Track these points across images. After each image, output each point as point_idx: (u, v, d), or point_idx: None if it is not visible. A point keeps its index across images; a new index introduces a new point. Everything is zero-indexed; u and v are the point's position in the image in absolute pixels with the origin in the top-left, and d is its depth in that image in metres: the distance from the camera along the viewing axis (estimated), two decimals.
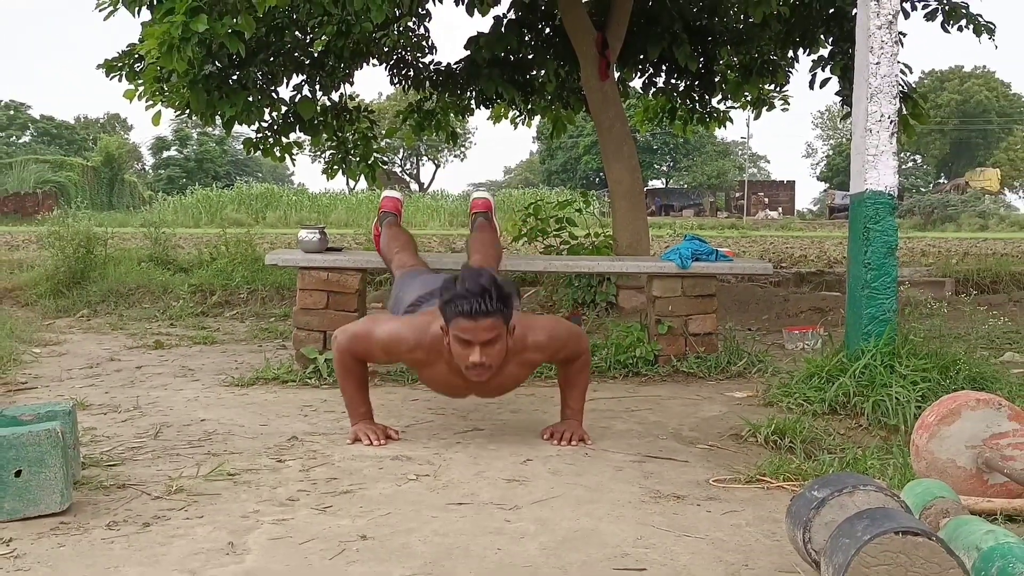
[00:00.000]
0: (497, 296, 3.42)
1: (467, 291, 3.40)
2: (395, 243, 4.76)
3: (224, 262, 9.68)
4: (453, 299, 3.43)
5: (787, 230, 38.20)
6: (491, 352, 3.47)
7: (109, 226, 12.36)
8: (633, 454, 3.73)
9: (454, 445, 3.83)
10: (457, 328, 3.44)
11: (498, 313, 3.43)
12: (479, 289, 3.40)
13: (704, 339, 5.63)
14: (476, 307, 3.38)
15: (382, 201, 5.16)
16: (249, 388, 5.05)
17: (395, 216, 5.06)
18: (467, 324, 3.41)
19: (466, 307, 3.39)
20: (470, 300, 3.39)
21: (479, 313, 3.39)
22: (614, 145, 8.76)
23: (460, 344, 3.46)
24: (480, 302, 3.39)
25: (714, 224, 42.07)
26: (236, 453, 3.64)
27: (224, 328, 7.55)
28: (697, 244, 5.70)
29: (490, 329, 3.43)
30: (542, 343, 3.70)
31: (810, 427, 3.96)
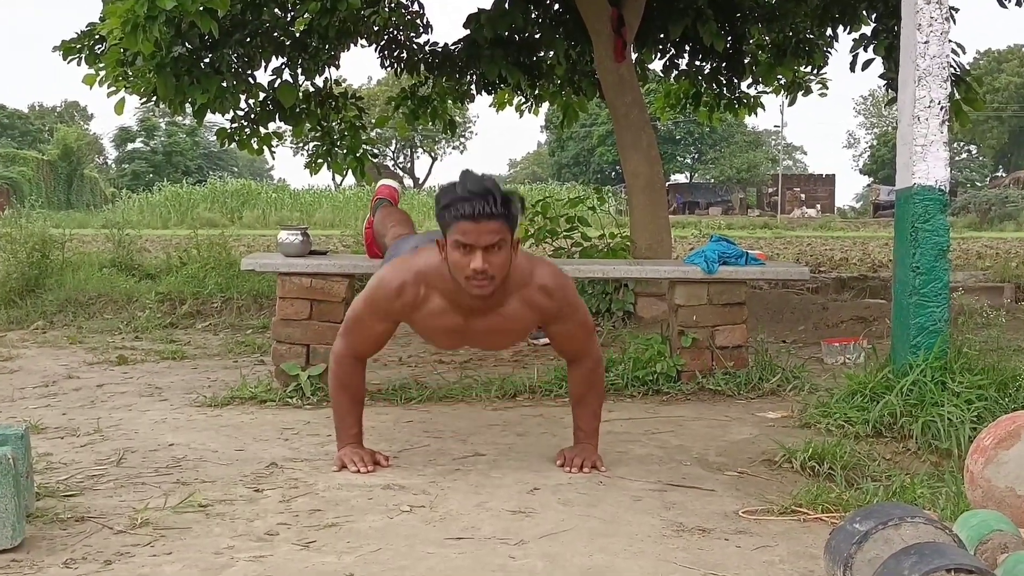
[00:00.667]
0: (501, 198, 3.46)
1: (468, 192, 3.44)
2: (391, 219, 4.87)
3: (195, 267, 9.69)
4: (453, 202, 3.46)
5: (826, 230, 38.20)
6: (494, 259, 3.49)
7: (67, 227, 12.38)
8: (653, 482, 3.73)
9: (452, 472, 3.83)
10: (458, 232, 3.46)
11: (502, 216, 3.46)
12: (482, 189, 3.44)
13: (733, 352, 5.63)
14: (479, 208, 3.42)
15: (378, 188, 5.26)
16: (223, 409, 5.05)
17: (391, 203, 5.14)
18: (468, 226, 3.44)
19: (467, 208, 3.42)
20: (471, 200, 3.42)
21: (482, 214, 3.42)
22: (631, 135, 8.76)
23: (460, 251, 3.49)
24: (483, 202, 3.42)
25: (744, 223, 42.08)
26: (208, 482, 3.64)
27: (195, 341, 7.55)
28: (725, 246, 5.70)
29: (493, 232, 3.46)
30: (548, 286, 3.72)
31: (852, 451, 3.95)
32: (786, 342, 7.48)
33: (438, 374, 5.99)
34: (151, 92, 8.53)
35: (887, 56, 9.22)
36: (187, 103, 8.71)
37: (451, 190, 3.50)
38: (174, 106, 8.76)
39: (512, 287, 3.66)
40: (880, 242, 23.92)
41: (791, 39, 10.46)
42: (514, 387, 5.43)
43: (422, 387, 5.46)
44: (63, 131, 52.92)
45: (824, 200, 61.17)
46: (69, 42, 8.54)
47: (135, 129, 63.74)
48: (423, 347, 7.19)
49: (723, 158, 64.40)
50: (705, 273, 5.54)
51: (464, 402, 5.26)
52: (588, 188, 29.52)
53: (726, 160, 63.91)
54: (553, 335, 3.91)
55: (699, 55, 10.64)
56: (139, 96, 8.70)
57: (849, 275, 12.10)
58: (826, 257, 17.36)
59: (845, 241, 25.94)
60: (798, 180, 65.51)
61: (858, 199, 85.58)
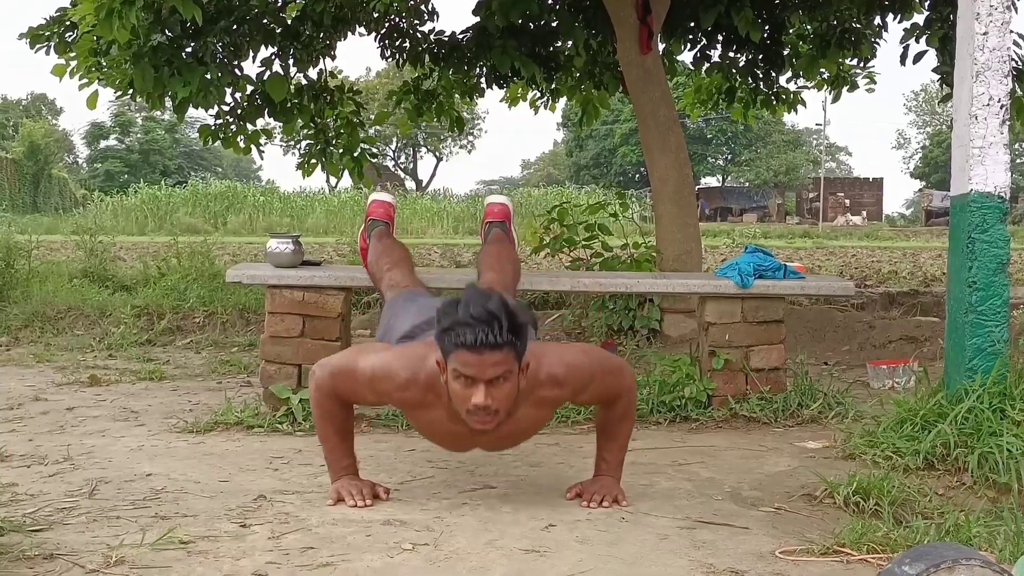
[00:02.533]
0: (508, 324, 3.37)
1: (471, 317, 3.35)
2: (386, 258, 4.77)
3: (175, 278, 9.72)
4: (453, 326, 3.39)
5: (873, 239, 38.13)
6: (498, 393, 3.43)
7: (33, 233, 12.45)
8: (681, 519, 3.73)
9: (459, 507, 3.83)
10: (457, 362, 3.40)
11: (508, 346, 3.39)
12: (485, 315, 3.35)
13: (769, 375, 5.63)
14: (481, 337, 3.34)
15: (369, 206, 5.17)
16: (206, 435, 5.06)
17: (386, 225, 5.07)
18: (470, 358, 3.37)
19: (469, 337, 3.35)
20: (474, 328, 3.34)
21: (485, 345, 3.34)
22: (658, 134, 8.77)
23: (460, 382, 3.43)
24: (486, 331, 3.34)
25: (782, 232, 42.03)
26: (190, 516, 3.65)
27: (175, 360, 7.58)
28: (761, 257, 5.70)
29: (498, 365, 3.38)
30: (558, 376, 3.67)
31: (900, 485, 3.94)
32: (828, 364, 7.46)
33: None
34: (127, 84, 8.55)
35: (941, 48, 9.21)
36: (167, 97, 8.74)
37: (452, 311, 3.43)
38: (152, 100, 8.78)
39: (520, 396, 3.59)
40: (933, 253, 23.87)
41: (835, 28, 10.45)
42: None
43: None
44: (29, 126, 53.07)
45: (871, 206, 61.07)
46: (37, 29, 8.58)
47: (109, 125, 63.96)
48: None
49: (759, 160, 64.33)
50: (739, 288, 5.55)
51: None
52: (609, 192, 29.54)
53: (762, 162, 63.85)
54: (583, 403, 3.93)
55: (733, 46, 10.63)
56: (114, 89, 8.72)
57: (898, 290, 12.08)
58: (873, 270, 17.32)
59: (894, 252, 25.87)
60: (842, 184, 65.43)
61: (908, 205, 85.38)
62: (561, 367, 3.69)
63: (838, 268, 18.16)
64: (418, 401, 3.66)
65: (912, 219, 67.88)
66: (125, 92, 8.78)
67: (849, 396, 5.81)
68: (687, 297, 7.53)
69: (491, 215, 5.07)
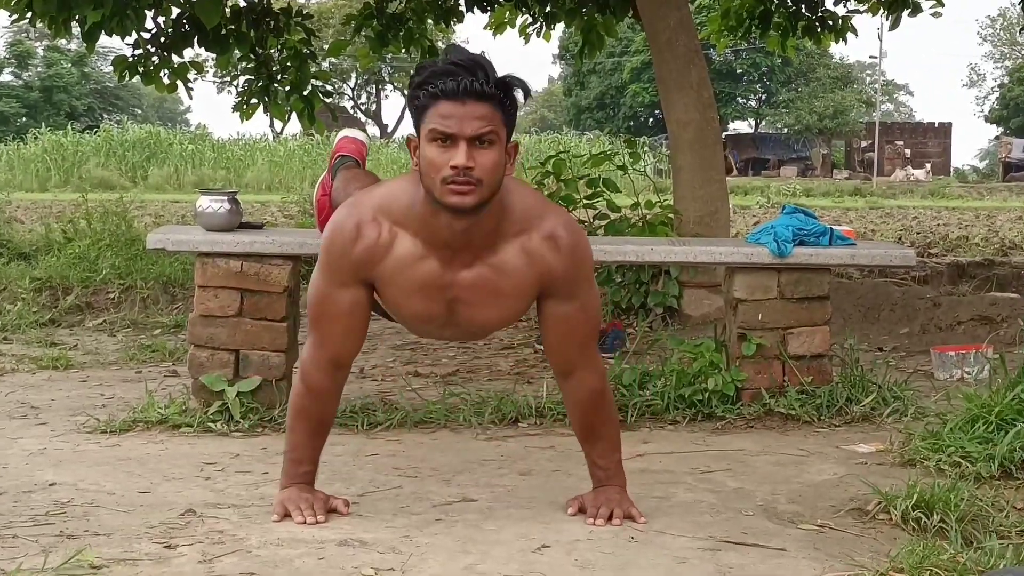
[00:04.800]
0: (496, 74, 3.43)
1: (452, 64, 3.40)
2: (356, 182, 4.76)
3: (85, 245, 9.68)
4: (431, 76, 3.42)
5: (939, 198, 38.12)
6: (481, 158, 3.43)
7: None
8: (703, 538, 3.73)
9: (432, 523, 3.83)
10: (435, 118, 3.41)
11: (495, 99, 3.43)
12: (469, 62, 3.41)
13: (812, 364, 5.64)
14: (465, 83, 3.37)
15: (339, 142, 5.20)
16: (122, 436, 5.04)
17: (357, 164, 5.10)
18: (450, 108, 3.39)
19: (450, 83, 3.38)
20: (456, 74, 3.38)
21: (469, 92, 3.38)
22: (676, 69, 8.76)
23: (437, 144, 3.43)
24: (471, 78, 3.38)
25: (828, 188, 42.02)
26: (103, 535, 3.64)
27: (85, 345, 7.57)
28: (802, 219, 5.70)
29: (482, 119, 3.40)
30: (559, 236, 3.66)
31: (971, 498, 3.94)
32: (884, 350, 7.48)
33: (413, 390, 5.98)
34: (25, 7, 8.52)
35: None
36: (73, 21, 8.70)
37: (430, 63, 3.47)
38: (56, 26, 8.75)
39: (510, 227, 3.62)
40: (1012, 215, 23.94)
41: None
42: (515, 409, 5.44)
43: (391, 408, 5.46)
44: None
45: (937, 158, 61.15)
46: None
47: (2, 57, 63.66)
48: (391, 354, 7.20)
49: (800, 100, 64.18)
50: (775, 256, 5.54)
51: (448, 428, 5.27)
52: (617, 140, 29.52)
53: (804, 103, 63.71)
54: (547, 318, 3.80)
55: None
56: (8, 11, 8.68)
57: (970, 259, 12.09)
58: (939, 235, 17.35)
59: (964, 213, 25.91)
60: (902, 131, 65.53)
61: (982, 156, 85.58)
62: (567, 234, 3.70)
63: (896, 233, 18.19)
64: (376, 243, 3.64)
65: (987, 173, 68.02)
66: (23, 16, 8.74)
67: (909, 389, 5.81)
68: (711, 268, 7.53)
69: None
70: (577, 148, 32.74)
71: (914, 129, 66.73)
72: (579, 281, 3.76)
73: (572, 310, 3.79)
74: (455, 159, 3.39)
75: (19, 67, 63.83)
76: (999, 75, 77.36)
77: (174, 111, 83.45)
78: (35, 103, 61.52)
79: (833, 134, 63.76)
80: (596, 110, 65.30)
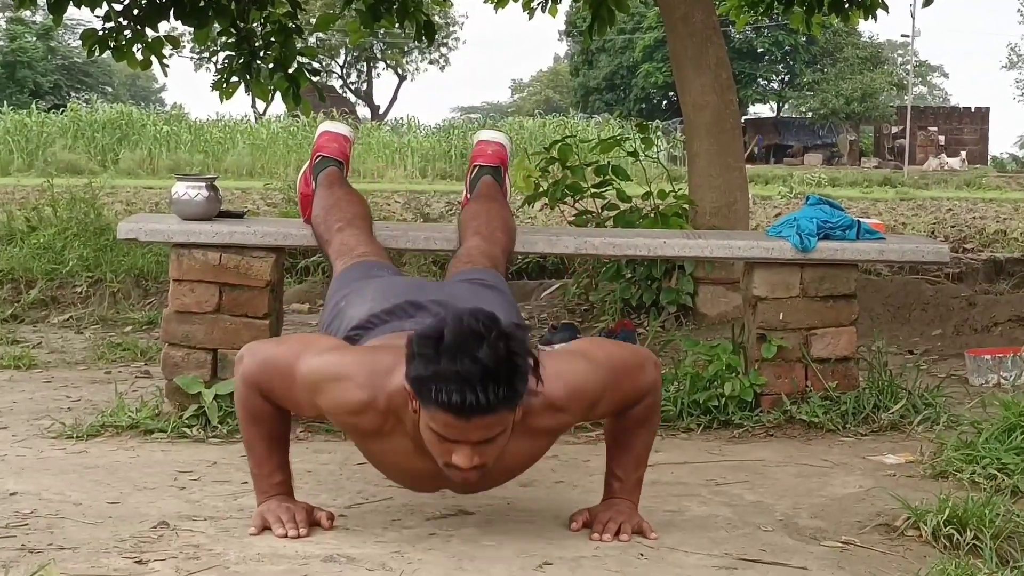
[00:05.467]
0: (507, 377, 3.28)
1: (455, 373, 3.24)
2: (338, 214, 4.76)
3: (51, 234, 9.69)
4: (432, 378, 3.27)
5: (975, 189, 38.26)
6: (487, 450, 3.40)
7: None
8: (718, 555, 3.73)
9: (426, 539, 3.82)
10: (436, 422, 3.33)
11: (504, 405, 3.31)
12: (477, 371, 3.23)
13: (837, 368, 5.64)
14: (471, 401, 3.24)
15: (318, 139, 5.16)
16: (90, 442, 5.05)
17: (339, 166, 5.06)
18: (453, 421, 3.30)
19: (455, 398, 3.24)
20: (461, 388, 3.24)
21: (475, 409, 3.26)
22: (692, 47, 8.76)
23: (438, 439, 3.38)
24: (478, 393, 3.24)
25: (856, 178, 42.18)
26: (69, 548, 3.63)
27: (50, 342, 7.58)
28: (827, 211, 5.70)
29: (488, 428, 3.34)
30: (557, 401, 3.60)
31: (1007, 513, 3.93)
32: (914, 353, 7.50)
33: None
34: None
35: None
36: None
37: (429, 350, 3.29)
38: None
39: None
40: None
41: None
42: None
43: None
44: None
45: (973, 145, 61.30)
46: None
47: None
48: None
49: (826, 82, 64.27)
50: (798, 251, 5.54)
51: None
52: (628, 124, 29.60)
53: (831, 85, 63.79)
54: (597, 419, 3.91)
55: None
56: None
57: (1008, 255, 12.10)
58: (975, 229, 17.38)
59: (1003, 206, 25.99)
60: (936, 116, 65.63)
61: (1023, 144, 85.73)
62: (561, 388, 3.60)
63: (929, 226, 18.25)
64: (374, 429, 3.62)
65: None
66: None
67: (941, 395, 5.82)
68: (729, 264, 7.53)
69: (481, 156, 5.05)
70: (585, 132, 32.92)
71: (949, 114, 66.85)
72: (598, 401, 3.74)
73: (608, 405, 3.80)
74: (458, 459, 3.38)
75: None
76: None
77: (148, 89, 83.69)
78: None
79: (861, 119, 63.82)
80: (605, 91, 65.49)
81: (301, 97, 10.93)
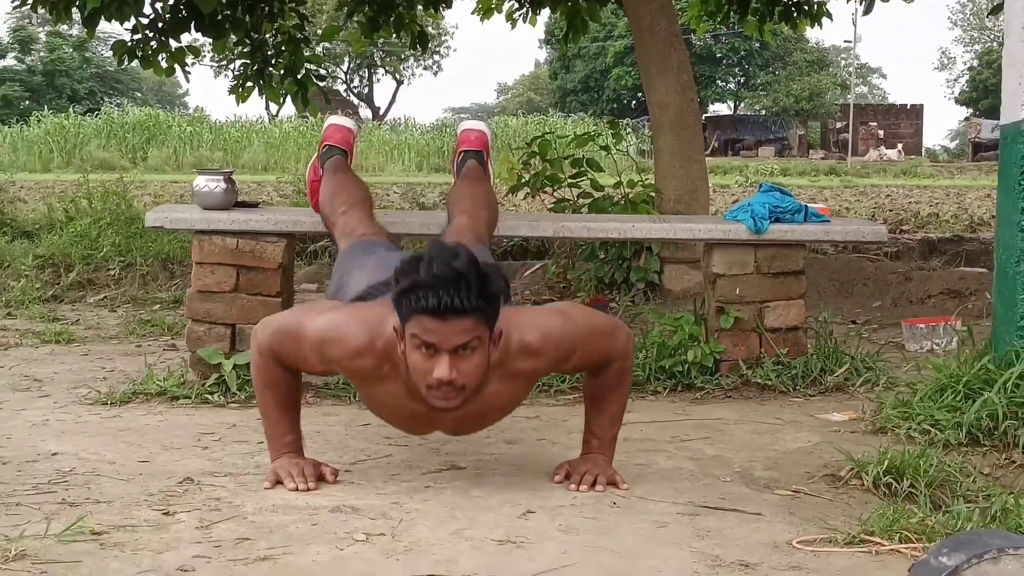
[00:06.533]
0: (478, 284, 3.37)
1: (433, 277, 3.34)
2: (342, 198, 4.75)
3: (86, 223, 9.64)
4: (413, 288, 3.37)
5: (911, 177, 38.19)
6: (465, 366, 3.43)
7: None
8: (682, 503, 3.75)
9: (422, 491, 3.84)
10: (418, 328, 3.39)
11: (477, 312, 3.39)
12: (451, 275, 3.34)
13: (787, 336, 5.65)
14: (446, 301, 3.33)
15: (325, 131, 5.14)
16: (122, 408, 5.05)
17: (344, 155, 5.05)
18: (432, 324, 3.36)
19: (432, 300, 3.33)
20: (437, 290, 3.33)
21: (450, 309, 3.34)
22: (657, 52, 8.74)
23: (420, 352, 3.42)
24: (452, 293, 3.33)
25: (804, 168, 42.04)
26: (104, 502, 3.65)
27: (86, 320, 7.55)
28: (778, 197, 5.71)
29: (465, 332, 3.39)
30: (532, 345, 3.66)
31: (939, 464, 3.96)
32: (857, 323, 7.49)
33: None
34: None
35: None
36: (74, 7, 8.65)
37: (412, 270, 3.41)
38: (57, 11, 8.71)
39: (489, 367, 3.58)
40: (980, 193, 23.91)
41: None
42: None
43: None
44: None
45: (909, 138, 61.17)
46: None
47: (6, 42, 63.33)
48: None
49: (777, 83, 64.10)
50: (752, 233, 5.55)
51: None
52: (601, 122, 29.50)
53: (781, 86, 63.61)
54: (566, 372, 3.94)
55: None
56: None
57: (940, 236, 12.11)
58: (910, 212, 17.35)
59: (935, 191, 25.93)
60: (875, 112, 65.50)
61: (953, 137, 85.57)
62: (536, 334, 3.67)
63: (869, 210, 18.20)
64: (372, 372, 3.66)
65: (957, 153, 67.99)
66: (23, 2, 8.69)
67: (881, 360, 5.84)
68: (691, 244, 7.53)
69: (466, 143, 5.03)
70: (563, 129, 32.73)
71: (887, 111, 66.70)
72: (570, 352, 3.77)
73: (580, 359, 3.84)
74: (438, 371, 3.41)
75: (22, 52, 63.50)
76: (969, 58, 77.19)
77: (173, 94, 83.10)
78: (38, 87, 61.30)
79: (809, 115, 63.77)
80: (581, 93, 65.15)
81: (309, 100, 10.94)
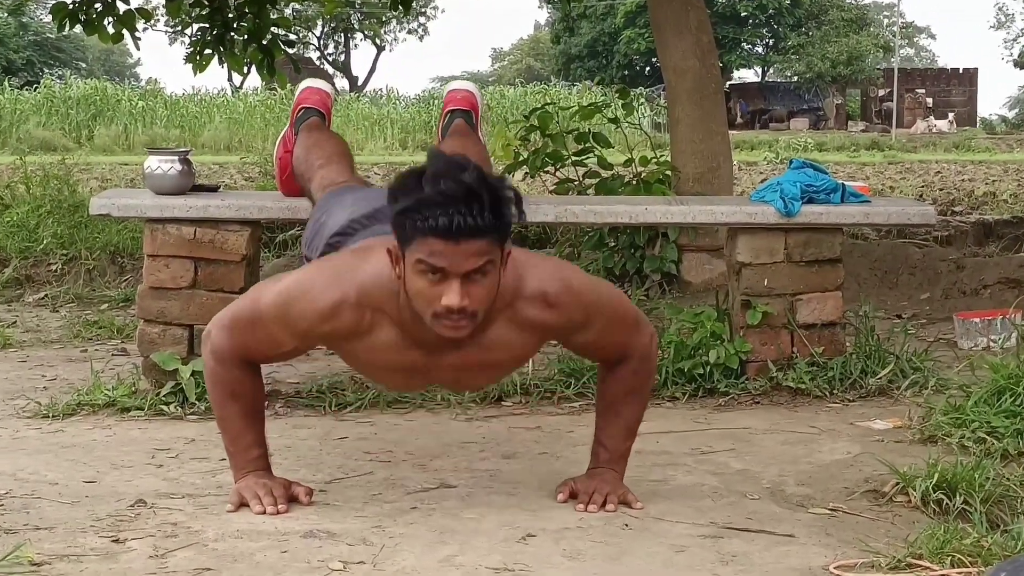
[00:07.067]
0: (491, 201, 3.32)
1: (441, 193, 3.28)
2: (319, 151, 4.75)
3: (24, 211, 9.66)
4: (418, 206, 3.30)
5: (964, 151, 38.13)
6: (477, 291, 3.37)
7: None
8: (704, 524, 3.75)
9: (407, 512, 3.84)
10: (424, 251, 3.32)
11: (492, 230, 3.33)
12: (462, 191, 3.28)
13: (823, 333, 5.65)
14: (459, 220, 3.27)
15: (300, 94, 5.15)
16: (66, 421, 5.04)
17: (320, 116, 5.05)
18: (442, 246, 3.29)
19: (442, 220, 3.27)
20: (448, 208, 3.27)
21: (463, 230, 3.28)
22: (673, 12, 8.76)
23: (427, 278, 3.36)
24: (464, 211, 3.27)
25: (842, 142, 42.02)
26: (45, 528, 3.64)
27: (24, 322, 7.55)
28: (811, 175, 5.70)
29: (479, 254, 3.33)
30: (549, 294, 3.62)
31: (997, 477, 3.96)
32: (902, 317, 7.50)
33: None
34: None
35: None
36: None
37: (414, 185, 3.34)
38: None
39: (496, 304, 3.54)
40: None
41: None
42: (498, 386, 5.42)
43: (362, 387, 5.45)
44: None
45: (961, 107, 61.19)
46: None
47: None
48: None
49: (811, 45, 64.04)
50: (782, 216, 5.55)
51: (425, 408, 5.27)
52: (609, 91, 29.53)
53: (816, 49, 63.59)
54: (576, 349, 3.93)
55: None
56: None
57: (997, 217, 12.10)
58: (963, 191, 17.38)
59: (992, 167, 25.92)
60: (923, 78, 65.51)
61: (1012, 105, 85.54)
62: (556, 284, 3.65)
63: (916, 189, 18.23)
64: (353, 329, 3.61)
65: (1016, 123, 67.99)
66: None
67: (930, 359, 5.84)
68: (712, 230, 7.54)
69: (452, 102, 5.02)
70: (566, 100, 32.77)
71: (936, 76, 66.71)
72: (589, 314, 3.74)
73: (595, 335, 3.81)
74: (448, 298, 3.34)
75: None
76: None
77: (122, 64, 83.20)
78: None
79: (848, 82, 63.62)
80: (587, 59, 65.11)
81: (276, 69, 10.92)
